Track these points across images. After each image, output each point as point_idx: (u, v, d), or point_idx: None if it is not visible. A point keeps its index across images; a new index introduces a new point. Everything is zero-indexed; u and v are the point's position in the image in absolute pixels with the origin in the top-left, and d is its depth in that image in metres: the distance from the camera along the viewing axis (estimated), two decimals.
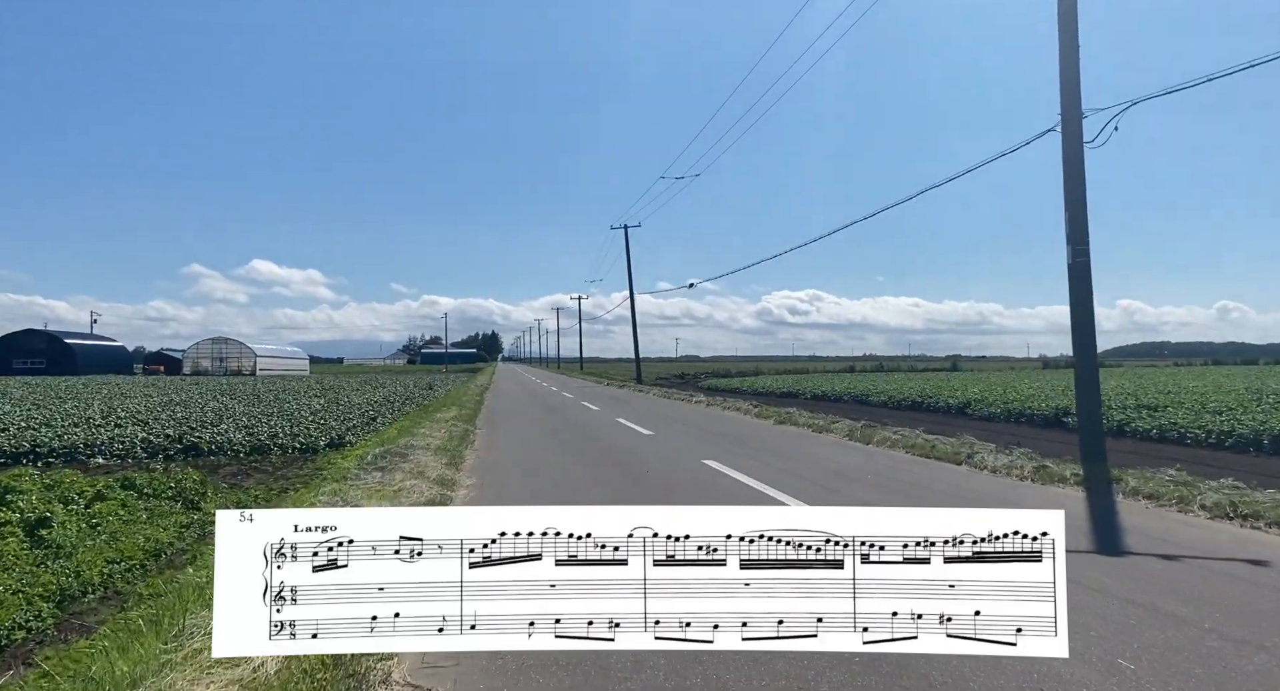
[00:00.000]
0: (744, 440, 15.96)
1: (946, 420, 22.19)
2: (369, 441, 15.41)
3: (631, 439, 16.38)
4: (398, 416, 22.25)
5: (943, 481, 10.40)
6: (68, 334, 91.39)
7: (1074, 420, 18.33)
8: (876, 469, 11.57)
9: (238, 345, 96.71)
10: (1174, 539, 7.05)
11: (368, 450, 13.11)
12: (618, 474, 11.28)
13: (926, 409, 26.72)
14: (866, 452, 13.75)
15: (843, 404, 31.42)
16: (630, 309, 57.13)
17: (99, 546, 7.14)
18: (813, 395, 37.16)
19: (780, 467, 11.70)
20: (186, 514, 8.89)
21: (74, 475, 9.94)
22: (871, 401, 31.21)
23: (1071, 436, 16.98)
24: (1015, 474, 10.71)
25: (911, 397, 29.37)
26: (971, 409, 24.38)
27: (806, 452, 13.76)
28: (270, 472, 12.07)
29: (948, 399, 27.02)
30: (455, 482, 10.17)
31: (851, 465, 11.97)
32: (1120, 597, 5.25)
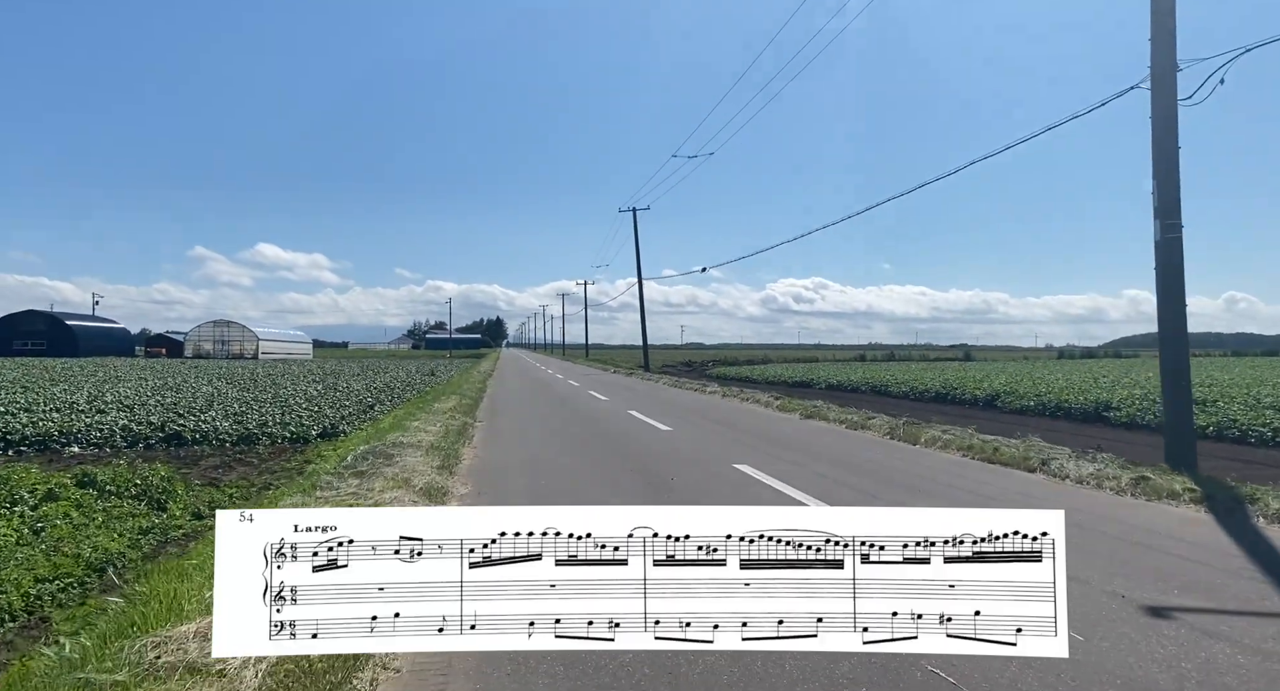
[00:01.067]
0: (774, 439, 14.59)
1: (974, 413, 21.12)
2: (362, 432, 14.53)
3: (648, 436, 15.06)
4: (397, 404, 21.45)
5: (1035, 497, 8.99)
6: (68, 315, 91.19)
7: (1116, 415, 18.03)
8: (941, 477, 10.25)
9: (240, 328, 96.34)
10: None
11: (349, 449, 11.75)
12: (638, 483, 9.93)
13: (952, 401, 25.58)
14: (916, 455, 12.31)
15: (861, 395, 30.15)
16: (638, 294, 56.73)
17: (35, 558, 6.06)
18: (828, 385, 35.96)
19: (828, 475, 10.40)
20: (149, 516, 7.85)
21: (25, 470, 8.96)
22: (892, 392, 29.91)
23: (1120, 433, 16.25)
24: (1109, 486, 9.18)
25: (934, 389, 28.09)
26: (1001, 401, 23.25)
27: (849, 455, 12.36)
28: (255, 465, 11.21)
29: (973, 391, 25.76)
30: (446, 491, 8.99)
31: (912, 473, 10.62)
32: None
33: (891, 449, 13.28)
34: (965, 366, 56.17)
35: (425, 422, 15.18)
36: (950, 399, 26.05)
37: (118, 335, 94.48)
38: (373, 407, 19.99)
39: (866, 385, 33.37)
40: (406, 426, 14.30)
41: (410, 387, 28.73)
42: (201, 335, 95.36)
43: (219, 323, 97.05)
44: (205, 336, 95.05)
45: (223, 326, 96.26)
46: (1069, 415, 19.63)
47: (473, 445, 13.42)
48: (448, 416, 16.90)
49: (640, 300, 56.78)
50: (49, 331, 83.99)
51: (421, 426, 14.41)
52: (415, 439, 12.53)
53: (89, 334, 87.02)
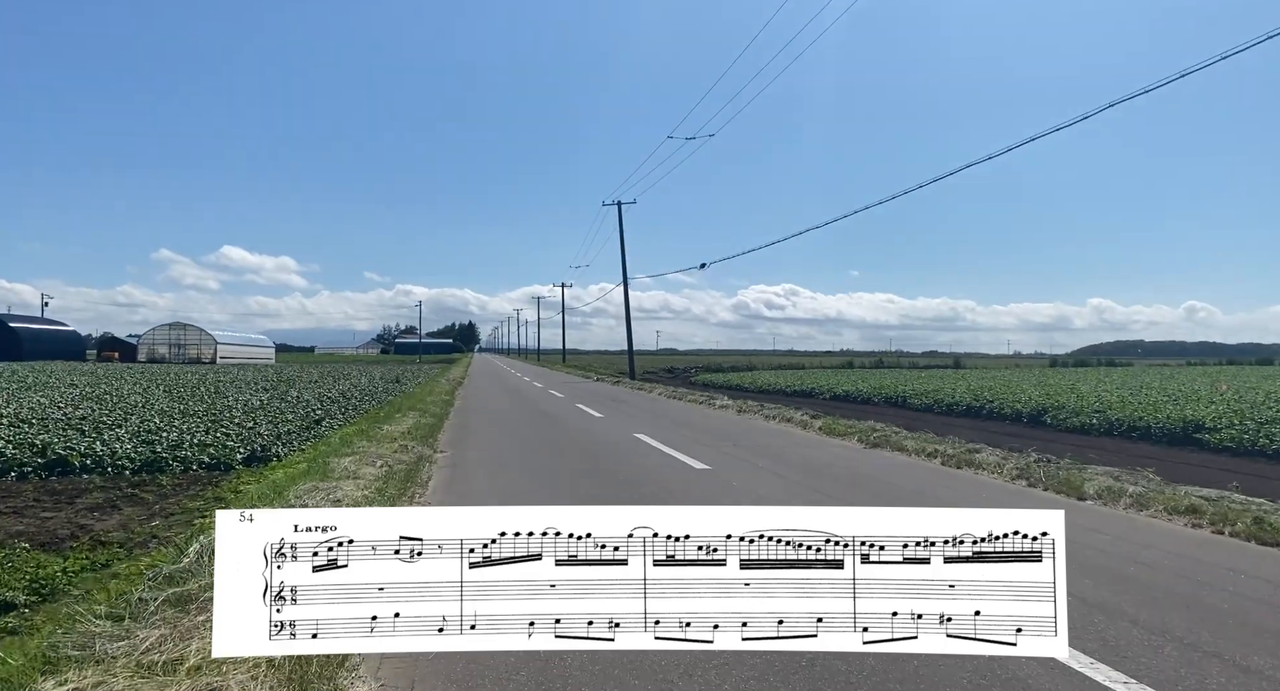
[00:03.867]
0: (868, 486, 10.51)
1: (1023, 432, 18.21)
2: (295, 460, 11.70)
3: (680, 479, 10.83)
4: (351, 418, 18.74)
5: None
6: (11, 317, 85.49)
7: (1213, 437, 15.36)
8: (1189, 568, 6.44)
9: (197, 331, 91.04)
10: None
11: (277, 480, 9.56)
12: None
13: (987, 416, 22.51)
14: (1134, 529, 7.79)
15: (875, 407, 27.24)
16: (623, 294, 53.67)
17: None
18: (833, 396, 32.98)
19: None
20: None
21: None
22: (912, 405, 26.72)
23: (1231, 460, 13.52)
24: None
25: (964, 401, 24.81)
26: (1050, 417, 20.16)
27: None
28: (149, 504, 8.82)
29: (1013, 404, 22.63)
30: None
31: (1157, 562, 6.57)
32: None
33: (1090, 516, 8.32)
34: (963, 374, 52.74)
35: (360, 460, 10.88)
36: (984, 413, 22.98)
37: (65, 337, 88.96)
38: (319, 423, 17.35)
39: (879, 396, 30.20)
40: (329, 470, 10.12)
41: (370, 397, 26.16)
42: (156, 338, 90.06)
43: (175, 326, 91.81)
44: (160, 340, 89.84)
45: (179, 330, 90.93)
46: (1149, 436, 16.77)
47: (426, 495, 9.58)
48: (398, 445, 12.91)
49: (625, 301, 53.52)
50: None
51: (352, 468, 10.27)
52: (337, 487, 8.91)
53: (35, 336, 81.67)
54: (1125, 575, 6.11)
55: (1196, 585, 5.90)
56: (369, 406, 22.40)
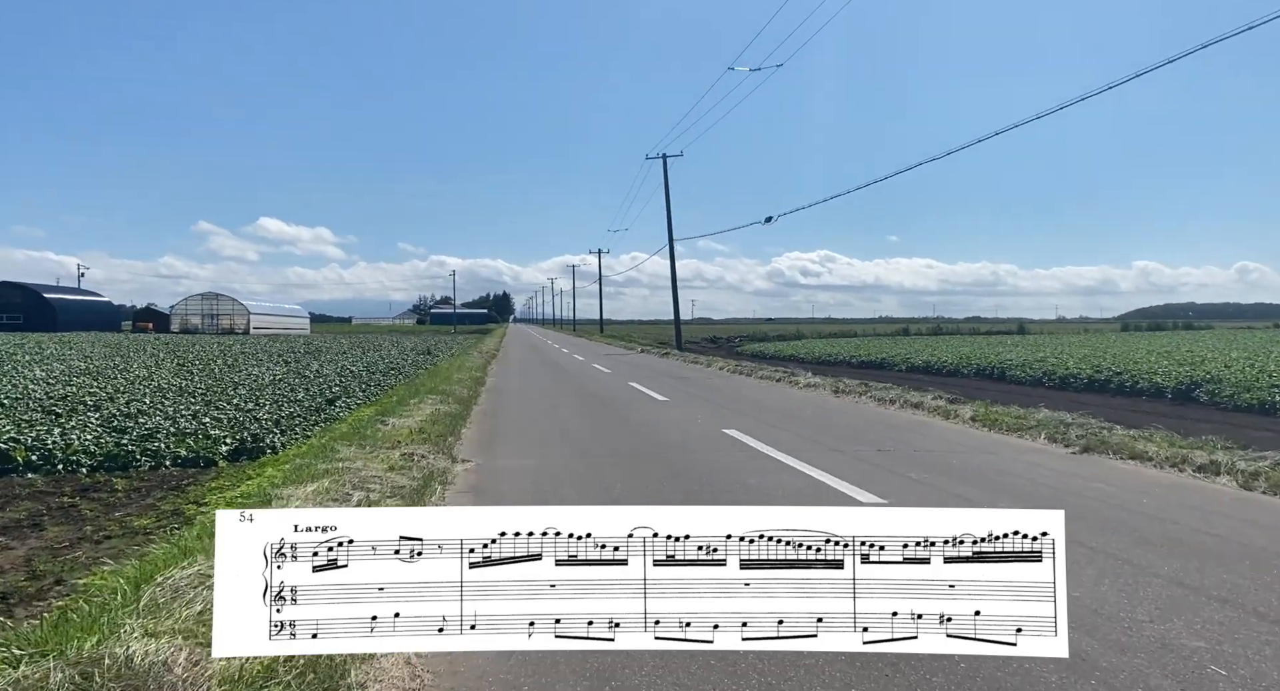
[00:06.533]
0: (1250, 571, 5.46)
1: (1175, 411, 15.38)
2: (293, 451, 9.93)
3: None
4: (372, 396, 16.84)
5: None
6: (47, 287, 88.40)
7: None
8: None
9: (230, 301, 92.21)
10: None
11: (270, 482, 7.69)
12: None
13: (1115, 390, 19.17)
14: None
15: (966, 380, 23.77)
16: (669, 254, 48.68)
17: None
18: (909, 367, 28.93)
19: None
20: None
21: None
22: (1016, 377, 22.89)
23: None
24: None
25: (1081, 373, 21.09)
26: (1202, 392, 16.77)
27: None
28: (83, 521, 6.67)
29: (1150, 375, 19.05)
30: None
31: None
32: None
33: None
34: (1040, 341, 46.34)
35: (336, 480, 7.31)
36: (1109, 388, 19.54)
37: (101, 308, 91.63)
38: (333, 403, 15.28)
39: (969, 367, 26.11)
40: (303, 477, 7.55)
41: (396, 371, 23.90)
42: (189, 309, 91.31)
43: (208, 296, 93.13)
44: (193, 310, 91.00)
45: (211, 300, 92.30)
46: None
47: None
48: (401, 452, 9.11)
49: (671, 261, 48.71)
50: (24, 304, 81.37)
51: (331, 486, 7.06)
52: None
53: (70, 307, 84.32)
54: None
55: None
56: (393, 381, 20.48)
